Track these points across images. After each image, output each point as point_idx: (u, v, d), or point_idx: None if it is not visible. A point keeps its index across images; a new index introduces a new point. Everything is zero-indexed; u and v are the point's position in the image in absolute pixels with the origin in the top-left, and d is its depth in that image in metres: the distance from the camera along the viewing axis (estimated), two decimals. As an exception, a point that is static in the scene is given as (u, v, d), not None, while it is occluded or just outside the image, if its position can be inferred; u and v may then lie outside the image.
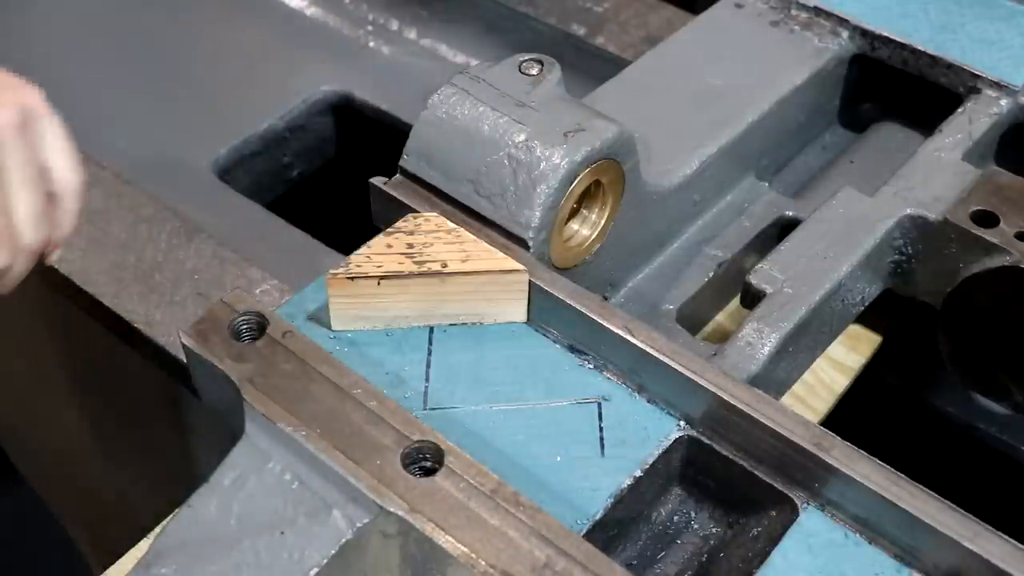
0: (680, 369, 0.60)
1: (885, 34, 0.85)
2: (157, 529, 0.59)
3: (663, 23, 1.16)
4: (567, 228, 0.69)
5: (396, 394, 0.61)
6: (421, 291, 0.64)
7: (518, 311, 0.66)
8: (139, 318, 0.89)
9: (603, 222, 0.70)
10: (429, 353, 0.64)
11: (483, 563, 0.52)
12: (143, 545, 0.67)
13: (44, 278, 0.96)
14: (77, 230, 0.73)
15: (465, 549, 0.52)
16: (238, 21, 1.28)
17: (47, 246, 0.70)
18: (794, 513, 0.58)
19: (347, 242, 0.70)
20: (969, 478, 0.91)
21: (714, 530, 0.63)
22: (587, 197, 0.69)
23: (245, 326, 0.61)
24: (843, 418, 0.82)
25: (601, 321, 0.63)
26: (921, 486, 0.56)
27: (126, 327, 0.90)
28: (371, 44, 1.26)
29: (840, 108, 0.90)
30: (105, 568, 0.68)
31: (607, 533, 0.59)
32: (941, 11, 0.87)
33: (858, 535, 0.57)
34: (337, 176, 1.25)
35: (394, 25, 1.27)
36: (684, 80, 0.82)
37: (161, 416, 1.08)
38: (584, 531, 0.57)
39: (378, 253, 0.64)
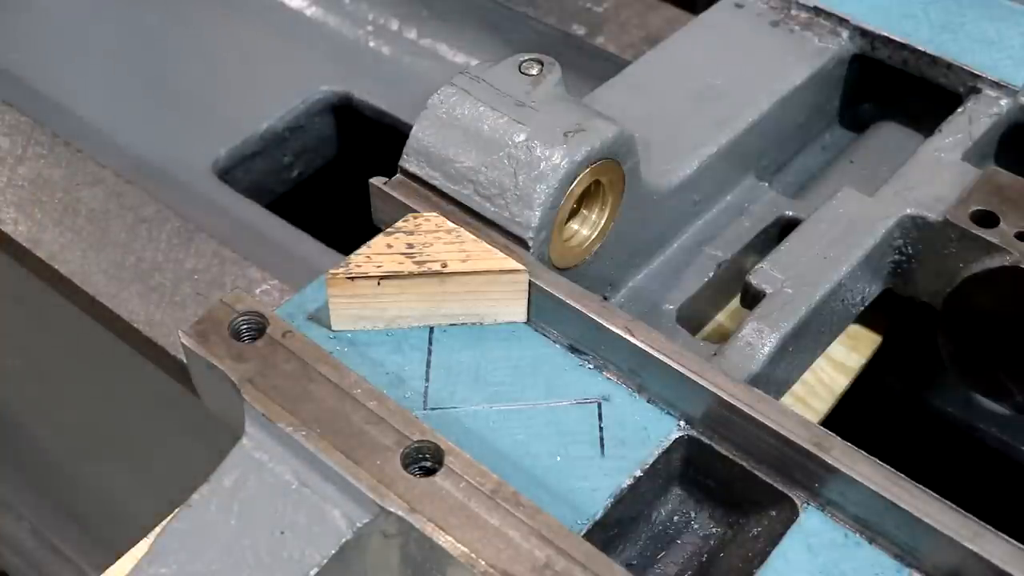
0: (680, 369, 0.60)
1: (885, 34, 0.85)
2: (157, 529, 0.58)
3: (663, 23, 1.16)
4: (567, 228, 0.69)
5: (396, 394, 0.61)
6: (421, 291, 0.64)
7: (518, 311, 0.66)
8: (139, 318, 0.89)
9: (603, 222, 0.70)
10: (429, 353, 0.64)
11: (483, 563, 0.52)
12: (143, 545, 0.67)
13: (44, 278, 0.96)
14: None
15: (465, 549, 0.52)
16: (238, 21, 1.28)
17: None
18: (794, 513, 0.58)
19: (347, 242, 0.70)
20: (969, 478, 0.91)
21: (714, 530, 0.63)
22: (587, 197, 0.69)
23: (245, 326, 0.61)
24: (843, 418, 0.82)
25: (601, 321, 0.63)
26: (921, 486, 0.56)
27: (126, 327, 0.90)
28: (371, 44, 1.26)
29: (840, 108, 0.90)
30: (105, 568, 0.67)
31: (607, 533, 0.59)
32: (941, 11, 0.87)
33: (858, 535, 0.57)
34: (337, 176, 1.25)
35: (394, 25, 1.27)
36: (684, 80, 0.82)
37: (161, 416, 1.08)
38: (584, 531, 0.57)
39: (378, 253, 0.64)
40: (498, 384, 0.63)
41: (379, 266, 0.63)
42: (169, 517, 0.56)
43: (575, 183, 0.66)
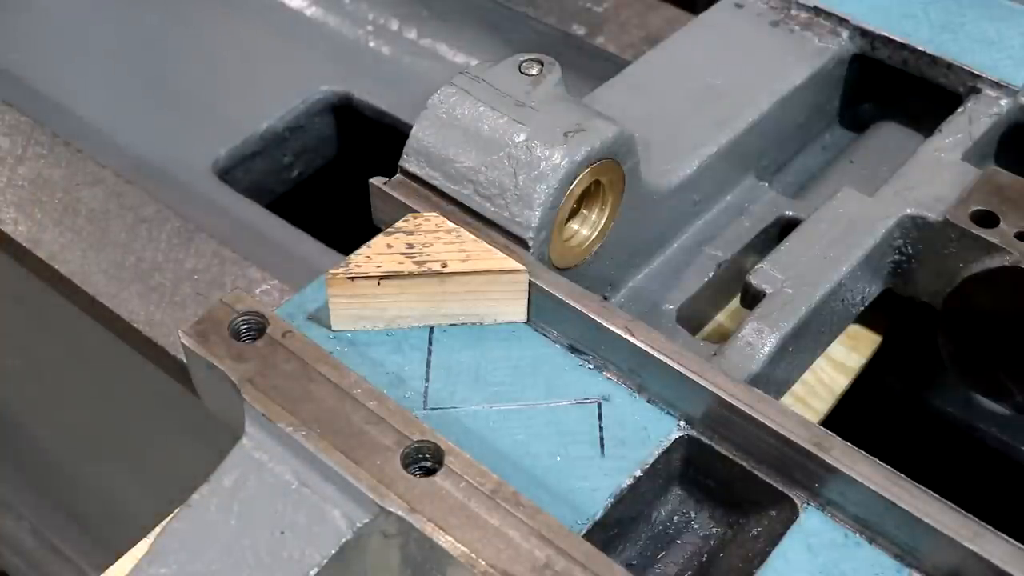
0: (680, 369, 0.60)
1: (885, 34, 0.85)
2: (157, 529, 0.58)
3: (663, 23, 1.16)
4: (567, 228, 0.69)
5: (396, 394, 0.61)
6: (421, 291, 0.64)
7: (518, 311, 0.66)
8: (139, 318, 0.89)
9: (603, 222, 0.70)
10: (429, 353, 0.64)
11: (483, 563, 0.52)
12: (143, 545, 0.67)
13: (44, 278, 0.96)
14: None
15: (465, 549, 0.52)
16: (238, 21, 1.28)
17: None
18: (794, 513, 0.58)
19: (347, 242, 0.70)
20: (969, 478, 0.91)
21: (714, 530, 0.63)
22: (587, 197, 0.69)
23: (245, 326, 0.61)
24: (843, 418, 0.82)
25: (601, 321, 0.63)
26: (921, 486, 0.56)
27: (126, 327, 0.90)
28: (371, 44, 1.26)
29: (840, 108, 0.90)
30: (105, 568, 0.67)
31: (607, 533, 0.59)
32: (941, 11, 0.87)
33: (858, 535, 0.57)
34: (337, 176, 1.25)
35: (394, 25, 1.27)
36: (684, 80, 0.82)
37: (161, 416, 1.08)
38: (584, 531, 0.57)
39: (378, 253, 0.64)
40: (498, 384, 0.63)
41: (379, 266, 0.63)
42: (169, 517, 0.56)
43: (575, 183, 0.66)
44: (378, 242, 0.65)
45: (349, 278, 0.63)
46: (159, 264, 0.93)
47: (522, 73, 0.69)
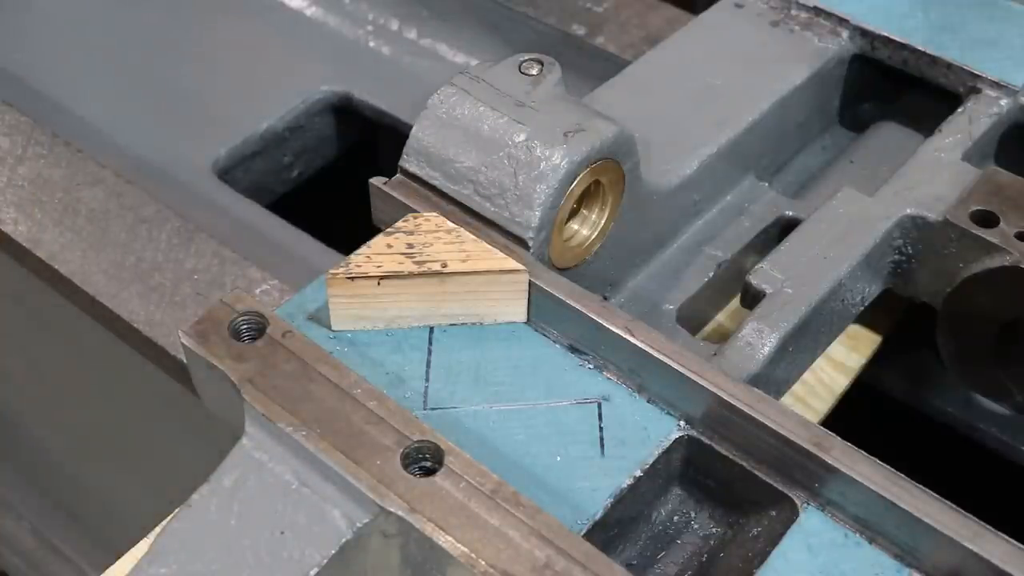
0: (680, 369, 0.60)
1: (885, 34, 0.85)
2: (157, 529, 0.58)
3: (663, 23, 1.16)
4: (567, 228, 0.69)
5: (396, 394, 0.61)
6: (421, 291, 0.64)
7: (518, 311, 0.66)
8: (139, 318, 0.89)
9: (603, 222, 0.70)
10: (429, 353, 0.64)
11: (483, 563, 0.52)
12: (143, 545, 0.67)
13: (44, 278, 0.96)
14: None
15: (465, 549, 0.52)
16: (238, 21, 1.28)
17: None
18: (794, 513, 0.58)
19: (347, 242, 0.70)
20: (969, 478, 0.90)
21: (714, 530, 0.63)
22: (587, 197, 0.69)
23: (245, 326, 0.61)
24: (843, 418, 0.82)
25: (601, 321, 0.63)
26: (921, 486, 0.56)
27: (126, 327, 0.90)
28: (371, 44, 1.25)
29: (840, 108, 0.90)
30: (105, 568, 0.67)
31: (607, 533, 0.59)
32: (941, 11, 0.87)
33: (858, 535, 0.57)
34: (337, 176, 1.25)
35: (394, 25, 1.27)
36: (684, 80, 0.82)
37: (161, 416, 1.08)
38: (584, 531, 0.57)
39: (378, 253, 0.64)
40: (498, 384, 0.63)
41: (379, 266, 0.63)
42: (169, 517, 0.56)
43: (575, 183, 0.66)
44: (378, 242, 0.65)
45: (349, 278, 0.63)
46: (159, 264, 0.93)
47: (522, 73, 0.69)
